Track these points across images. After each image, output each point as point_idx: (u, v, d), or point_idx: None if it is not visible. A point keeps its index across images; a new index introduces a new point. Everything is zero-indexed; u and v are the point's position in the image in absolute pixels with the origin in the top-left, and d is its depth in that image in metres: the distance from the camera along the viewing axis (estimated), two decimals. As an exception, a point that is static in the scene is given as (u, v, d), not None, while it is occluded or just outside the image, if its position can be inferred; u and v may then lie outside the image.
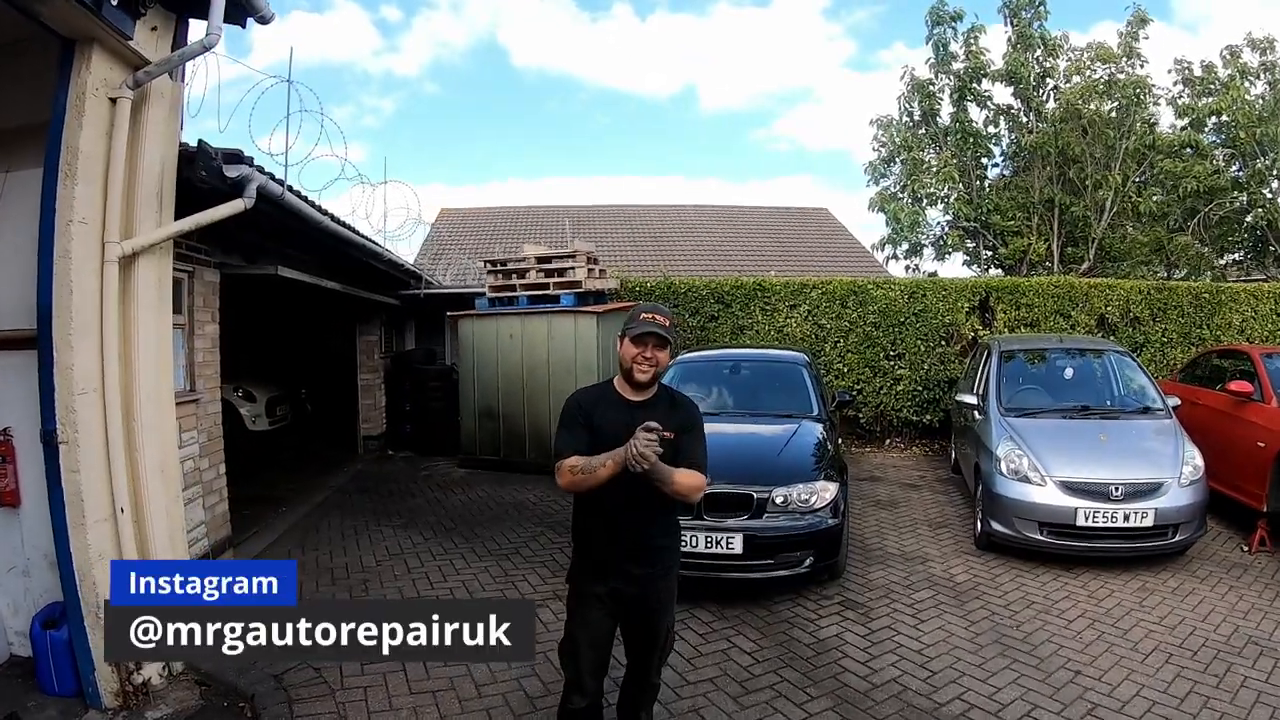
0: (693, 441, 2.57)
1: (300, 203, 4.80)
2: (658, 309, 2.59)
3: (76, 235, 3.30)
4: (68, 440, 3.30)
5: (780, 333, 9.83)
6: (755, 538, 4.50)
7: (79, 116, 3.30)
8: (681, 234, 19.14)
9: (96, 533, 3.39)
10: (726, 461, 4.80)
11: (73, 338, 3.29)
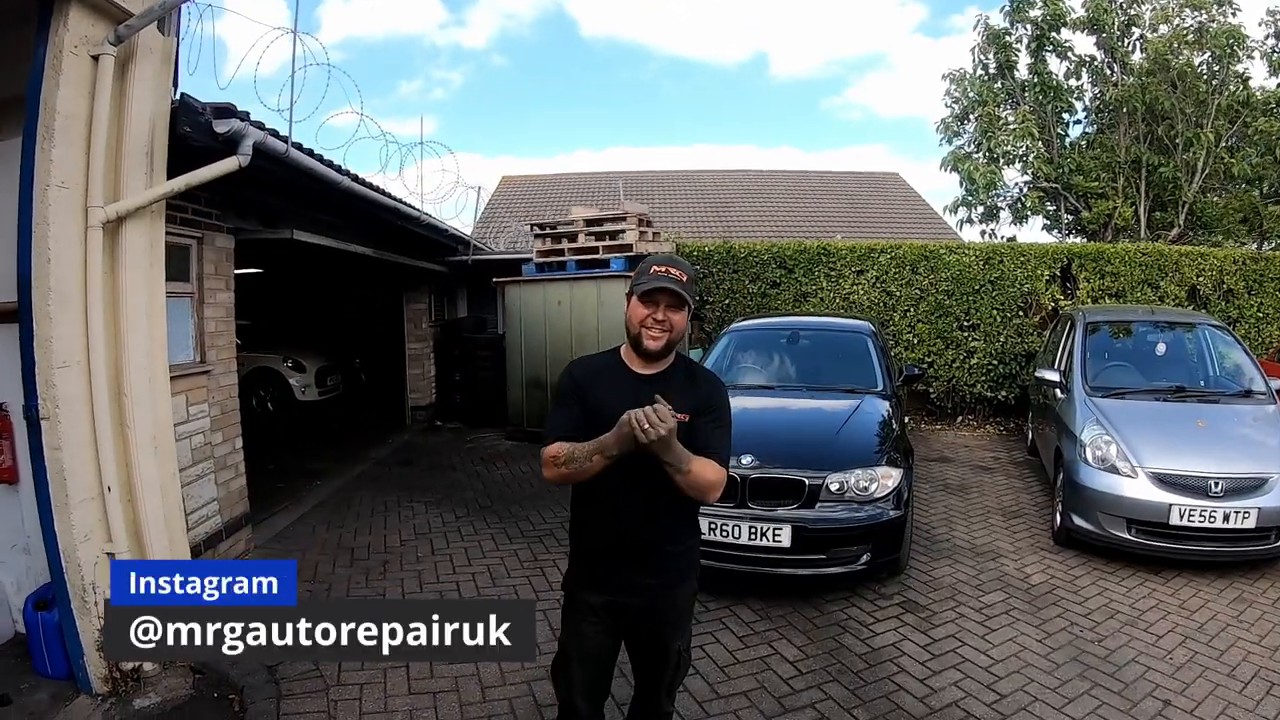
0: (713, 426, 2.21)
1: (310, 160, 4.71)
2: (674, 260, 2.21)
3: (55, 200, 3.25)
4: (49, 416, 3.30)
5: (846, 300, 9.62)
6: (805, 530, 4.24)
7: (57, 75, 3.22)
8: (746, 199, 19.04)
9: (81, 512, 3.40)
10: (776, 441, 4.65)
11: (51, 308, 3.26)
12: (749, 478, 4.33)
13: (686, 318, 2.22)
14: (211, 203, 4.83)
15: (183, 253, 4.64)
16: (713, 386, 2.31)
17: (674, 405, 2.03)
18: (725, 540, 4.32)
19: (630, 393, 2.14)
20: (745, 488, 4.32)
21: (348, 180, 5.39)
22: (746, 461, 4.35)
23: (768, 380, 5.84)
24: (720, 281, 9.96)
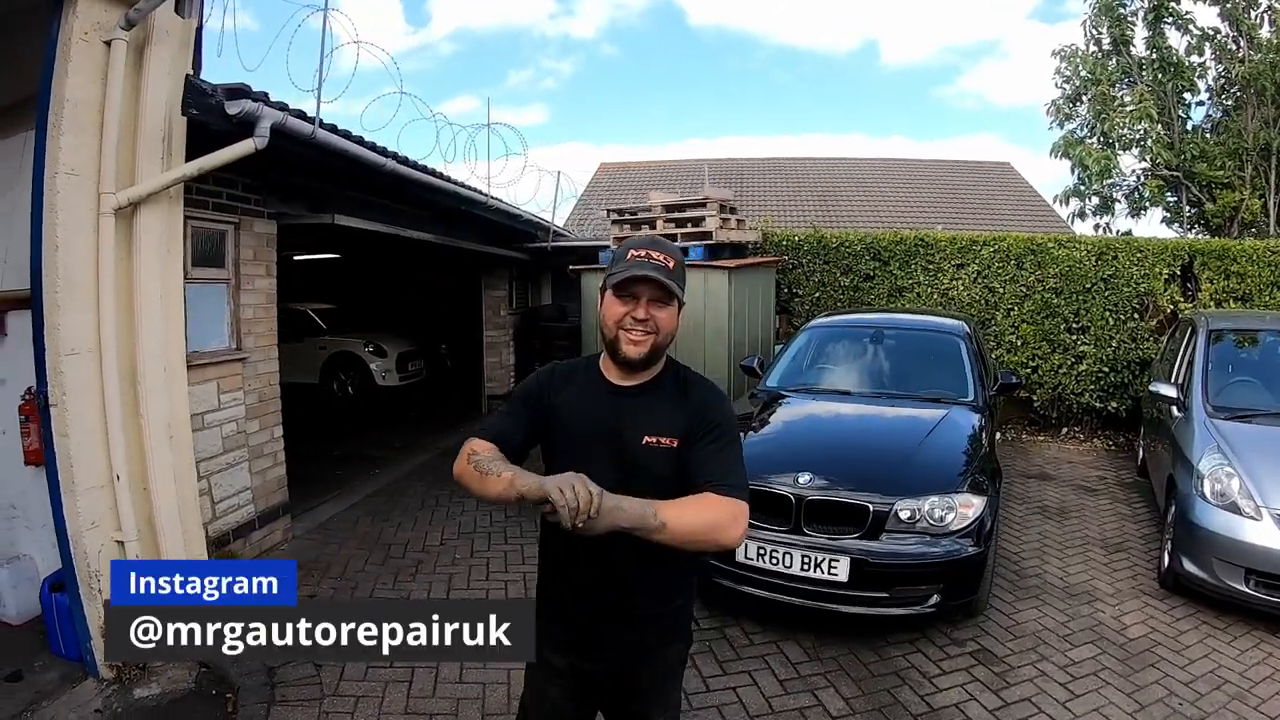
0: (712, 448, 1.81)
1: (342, 141, 4.82)
2: (657, 243, 1.87)
3: (64, 187, 3.46)
4: (57, 403, 3.54)
5: (945, 296, 9.30)
6: (867, 564, 3.91)
7: (66, 63, 3.43)
8: (849, 188, 18.84)
9: (88, 500, 3.62)
10: (841, 457, 4.43)
11: (59, 295, 3.49)
12: (805, 499, 4.05)
13: (676, 315, 1.87)
14: (250, 188, 5.05)
15: (217, 238, 4.87)
16: (708, 397, 1.92)
17: (658, 426, 1.82)
18: (774, 568, 4.06)
19: (603, 407, 1.88)
20: (800, 510, 4.05)
21: (392, 163, 5.51)
22: (804, 480, 4.10)
23: (844, 384, 5.59)
24: (810, 273, 9.72)
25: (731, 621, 4.35)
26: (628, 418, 1.85)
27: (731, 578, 4.20)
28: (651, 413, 1.85)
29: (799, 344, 6.18)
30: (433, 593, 4.86)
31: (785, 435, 5.01)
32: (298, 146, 4.50)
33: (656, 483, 1.76)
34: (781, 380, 5.77)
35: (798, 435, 5.00)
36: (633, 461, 1.83)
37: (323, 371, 11.98)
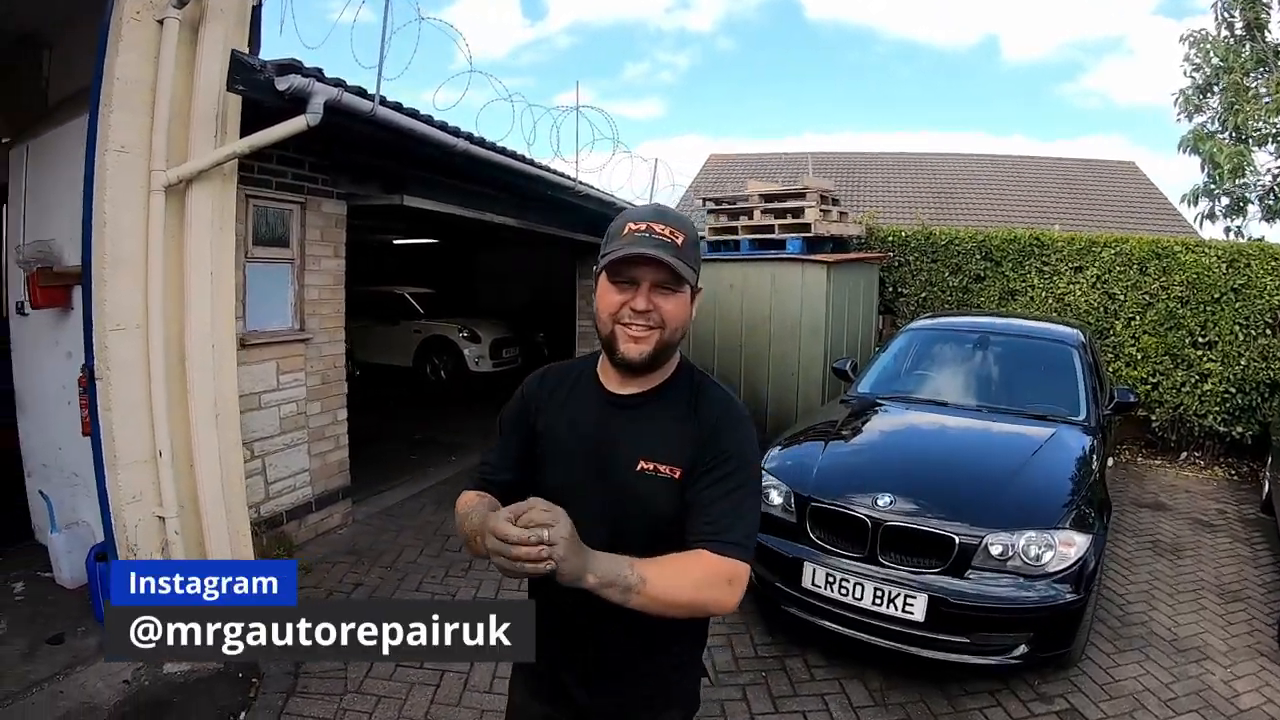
0: (718, 494, 1.49)
1: (405, 118, 4.88)
2: (662, 214, 1.53)
3: (113, 164, 3.66)
4: (103, 377, 3.76)
5: (1060, 302, 8.93)
6: (946, 604, 3.56)
7: (118, 42, 3.62)
8: (966, 186, 18.52)
9: (129, 474, 3.83)
10: (928, 478, 4.13)
11: (106, 271, 3.69)
12: (883, 524, 3.75)
13: (689, 305, 1.55)
14: (318, 167, 5.22)
15: (281, 218, 5.06)
16: (725, 417, 1.57)
17: (658, 448, 1.53)
18: (843, 599, 3.78)
19: (593, 423, 1.60)
20: (877, 537, 3.75)
21: (464, 143, 5.56)
22: (883, 503, 3.81)
23: (942, 394, 5.28)
24: (917, 272, 9.43)
25: (795, 651, 4.13)
26: (622, 436, 1.55)
27: (801, 606, 3.95)
28: (652, 431, 1.55)
29: (896, 347, 5.92)
30: (481, 592, 4.85)
31: (868, 449, 4.76)
32: (359, 124, 4.59)
33: (651, 521, 1.52)
34: (874, 386, 5.54)
35: (882, 450, 4.74)
36: (622, 492, 1.54)
37: (417, 355, 12.44)
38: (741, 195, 8.56)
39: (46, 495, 4.46)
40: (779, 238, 8.01)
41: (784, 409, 7.75)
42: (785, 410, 7.70)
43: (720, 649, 4.05)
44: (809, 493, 4.05)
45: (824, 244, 8.14)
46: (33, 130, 4.45)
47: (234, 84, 3.88)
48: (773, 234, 8.10)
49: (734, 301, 8.43)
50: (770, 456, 4.55)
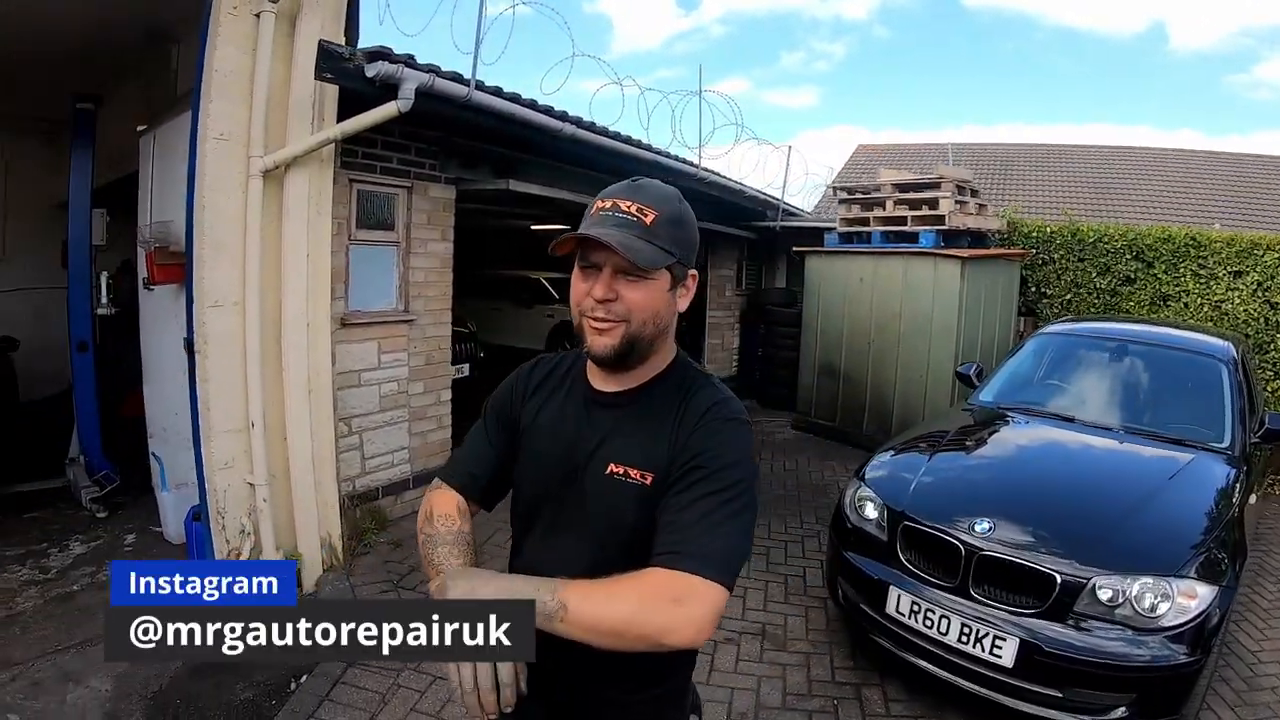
0: (686, 502, 1.32)
1: (504, 103, 4.97)
2: (635, 188, 1.40)
3: (212, 152, 3.95)
4: (201, 350, 4.08)
5: (1217, 310, 8.08)
6: (1040, 651, 3.17)
7: (216, 35, 3.89)
8: (1127, 181, 17.18)
9: (221, 443, 4.15)
10: (1034, 504, 3.71)
11: (205, 251, 4.00)
12: (978, 553, 3.39)
13: (665, 293, 1.39)
14: (424, 153, 5.41)
15: (387, 202, 5.30)
16: (707, 416, 1.40)
17: (631, 451, 1.41)
18: (926, 632, 3.47)
19: (572, 423, 1.49)
20: (970, 566, 3.40)
21: (570, 127, 5.61)
22: (981, 529, 3.46)
23: (1069, 407, 4.78)
24: (1062, 271, 8.70)
25: (875, 680, 3.84)
26: (599, 436, 1.43)
27: (891, 638, 3.64)
28: (630, 432, 1.42)
29: (1026, 353, 5.47)
30: None
31: (975, 466, 4.36)
32: (456, 109, 4.72)
33: (620, 533, 1.38)
34: (998, 395, 5.13)
35: (990, 468, 4.34)
36: (589, 494, 1.42)
37: (549, 339, 12.73)
38: (874, 185, 8.21)
39: (159, 457, 4.90)
40: (912, 230, 7.62)
41: (910, 413, 7.38)
42: (911, 415, 7.33)
43: (796, 668, 3.87)
44: (901, 509, 3.76)
45: (960, 238, 7.66)
46: (160, 120, 4.86)
47: (322, 72, 4.07)
48: (905, 226, 7.71)
49: (864, 297, 8.13)
50: (873, 464, 4.31)
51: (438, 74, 4.44)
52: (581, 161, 6.69)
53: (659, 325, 1.40)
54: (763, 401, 10.26)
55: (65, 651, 3.76)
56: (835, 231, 8.56)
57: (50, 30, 4.99)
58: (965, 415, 4.99)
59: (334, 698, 3.43)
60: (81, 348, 5.72)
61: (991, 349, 7.59)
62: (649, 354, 1.43)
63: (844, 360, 8.42)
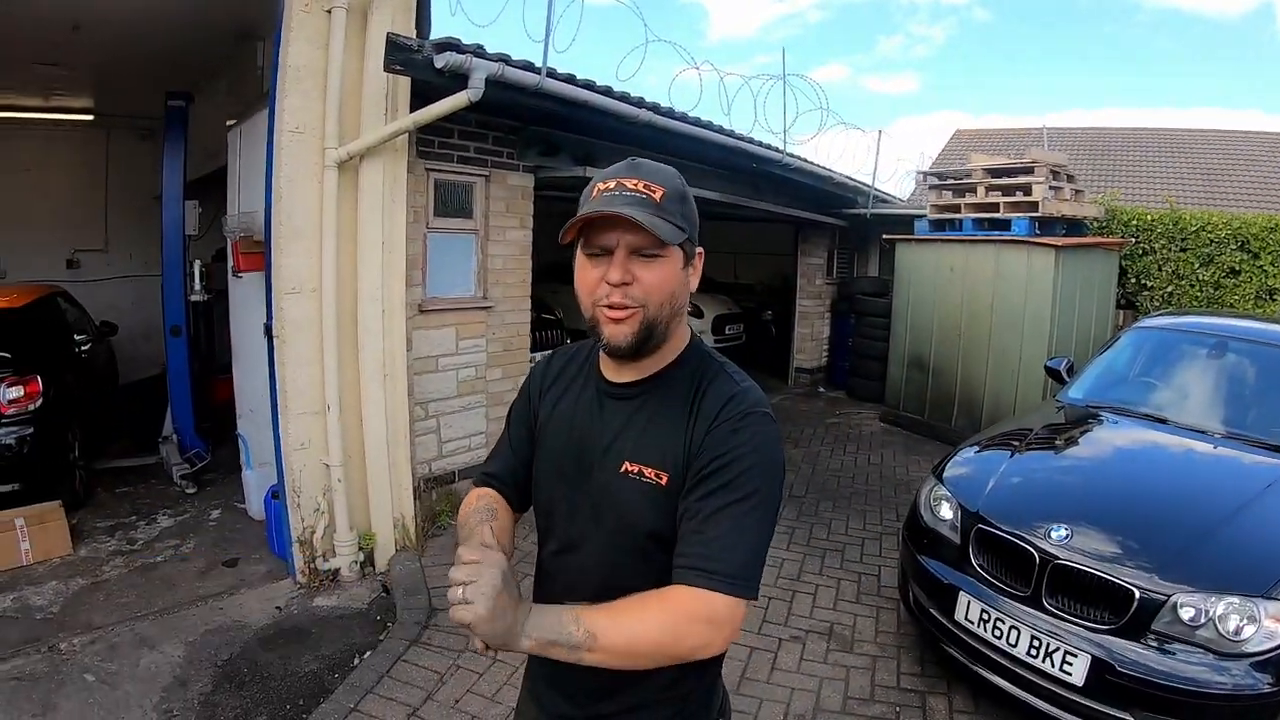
0: (708, 513, 1.26)
1: (577, 90, 5.04)
2: (636, 167, 1.35)
3: (287, 145, 4.16)
4: (279, 335, 4.31)
5: None
6: (1112, 670, 2.98)
7: (289, 33, 4.10)
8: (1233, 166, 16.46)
9: (299, 424, 4.38)
10: (1115, 512, 3.50)
11: (282, 240, 4.21)
12: (1053, 562, 3.22)
13: (680, 272, 1.34)
14: (502, 141, 5.55)
15: (464, 191, 5.45)
16: (730, 413, 1.31)
17: (646, 448, 1.35)
18: (995, 642, 3.32)
19: (584, 416, 1.44)
20: (1044, 575, 3.24)
21: (647, 113, 5.64)
22: (1057, 536, 3.28)
23: (1160, 408, 4.52)
24: (1163, 261, 8.29)
25: (941, 689, 3.72)
26: (613, 431, 1.38)
27: (962, 648, 3.50)
28: (643, 426, 1.36)
29: (1119, 348, 5.18)
30: None
31: (1057, 468, 4.19)
32: (528, 98, 4.80)
33: (634, 536, 1.34)
34: (1087, 392, 4.92)
35: (1072, 470, 4.16)
36: (603, 492, 1.37)
37: (636, 328, 12.82)
38: (964, 169, 8.01)
39: (244, 437, 5.20)
40: (1004, 217, 7.38)
41: (1000, 409, 7.17)
42: (1002, 411, 7.12)
43: (861, 671, 3.83)
44: (975, 510, 3.63)
45: (1055, 225, 7.39)
46: (246, 114, 5.13)
47: (391, 65, 4.21)
48: (997, 213, 7.48)
49: (954, 286, 7.93)
50: (952, 461, 4.20)
51: (507, 63, 4.53)
52: (663, 148, 6.73)
53: (675, 306, 1.34)
54: (854, 394, 10.17)
55: (144, 619, 4.07)
56: (926, 218, 8.38)
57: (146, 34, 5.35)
58: (1052, 413, 4.83)
59: (394, 674, 3.58)
60: (175, 332, 6.11)
61: (1087, 343, 7.29)
62: (665, 339, 1.36)
63: (934, 352, 8.25)
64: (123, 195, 9.12)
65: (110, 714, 3.31)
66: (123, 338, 8.12)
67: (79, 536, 5.01)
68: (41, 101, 7.98)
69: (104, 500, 5.73)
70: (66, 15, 5.16)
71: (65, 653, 3.75)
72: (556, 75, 4.91)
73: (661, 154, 6.75)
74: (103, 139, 9.02)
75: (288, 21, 4.11)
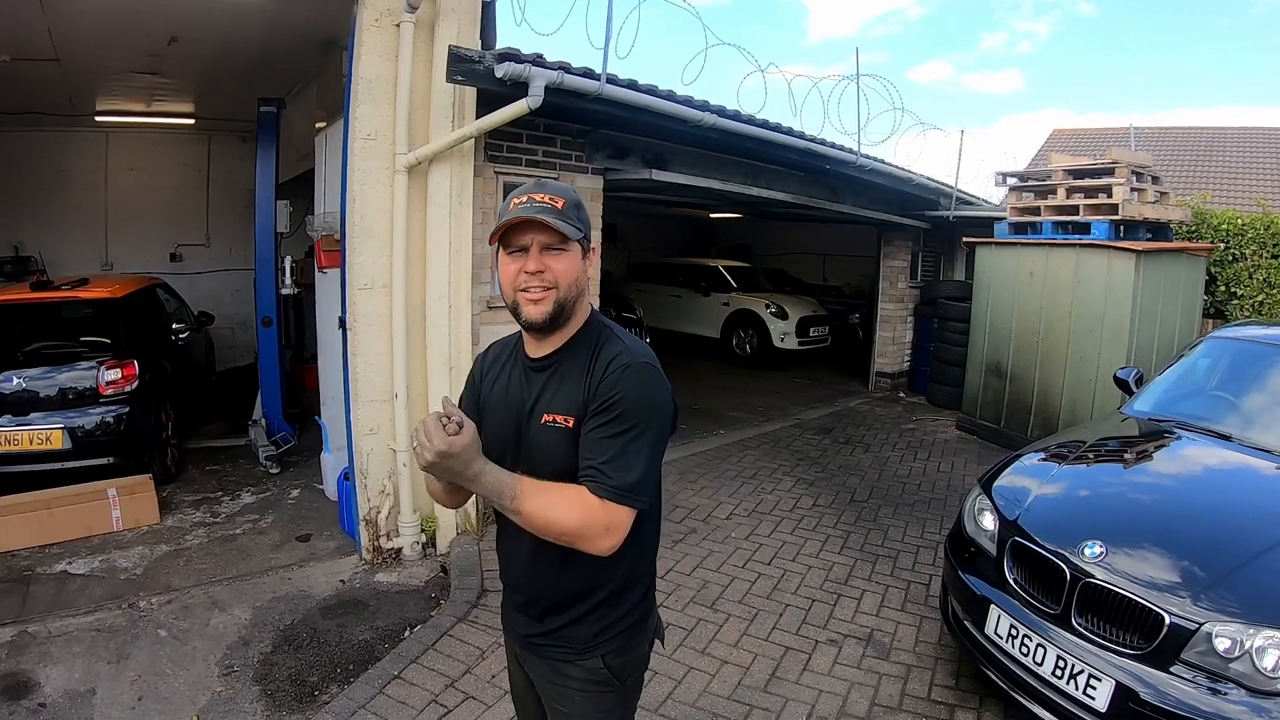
0: (599, 437, 1.65)
1: (638, 95, 5.27)
2: (541, 184, 1.76)
3: (359, 150, 4.57)
4: (351, 327, 4.72)
5: None
6: (1135, 698, 2.86)
7: (360, 46, 4.50)
8: None
9: (368, 410, 4.80)
10: (1153, 530, 3.41)
11: (355, 239, 4.63)
12: (1083, 580, 3.15)
13: (580, 261, 1.74)
14: (571, 145, 5.85)
15: (526, 193, 5.79)
16: (616, 370, 1.69)
17: (557, 401, 1.72)
18: (1022, 659, 3.29)
19: (515, 387, 1.84)
20: (1074, 594, 3.17)
21: (712, 116, 5.83)
22: (1090, 553, 3.21)
23: (1227, 424, 4.34)
24: (1254, 269, 7.96)
25: (972, 704, 3.70)
26: (534, 394, 1.77)
27: (1003, 674, 3.40)
28: (556, 386, 1.74)
29: (1192, 360, 5.02)
30: (672, 566, 5.06)
31: (1102, 481, 4.11)
32: (589, 103, 5.08)
33: (558, 472, 1.68)
34: (1154, 405, 4.78)
35: (1117, 485, 4.05)
36: (532, 445, 1.75)
37: (724, 327, 13.07)
38: (1043, 170, 7.94)
39: (322, 422, 5.67)
40: (1083, 220, 7.29)
41: (1077, 420, 7.07)
42: (1078, 422, 6.96)
43: (893, 679, 3.85)
44: (1012, 521, 3.61)
45: (1138, 229, 7.23)
46: (331, 120, 5.59)
47: (453, 75, 4.55)
48: (1077, 215, 7.36)
49: (1033, 291, 7.85)
50: (1000, 471, 4.17)
51: (567, 70, 4.80)
52: (732, 150, 6.95)
53: (579, 288, 1.73)
54: (934, 400, 10.14)
55: (218, 584, 4.57)
56: (1006, 221, 8.33)
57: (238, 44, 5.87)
58: (1112, 425, 4.78)
59: (438, 647, 3.90)
60: (266, 323, 6.66)
61: (1169, 353, 7.04)
62: (571, 315, 1.75)
63: (1011, 359, 8.17)
64: (223, 194, 9.93)
65: (177, 665, 3.77)
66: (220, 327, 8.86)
67: (167, 508, 5.61)
68: (145, 107, 8.77)
69: (193, 476, 6.35)
70: (164, 28, 5.75)
71: (143, 610, 4.26)
72: (617, 81, 5.16)
73: (731, 155, 7.01)
74: (204, 141, 9.87)
75: (359, 35, 4.51)
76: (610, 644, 1.85)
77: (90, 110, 8.65)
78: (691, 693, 3.66)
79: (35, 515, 5.04)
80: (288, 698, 3.57)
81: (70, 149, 9.33)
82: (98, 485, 5.25)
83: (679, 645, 4.05)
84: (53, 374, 5.58)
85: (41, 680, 3.61)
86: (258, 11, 5.36)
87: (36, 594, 4.44)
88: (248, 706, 3.49)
